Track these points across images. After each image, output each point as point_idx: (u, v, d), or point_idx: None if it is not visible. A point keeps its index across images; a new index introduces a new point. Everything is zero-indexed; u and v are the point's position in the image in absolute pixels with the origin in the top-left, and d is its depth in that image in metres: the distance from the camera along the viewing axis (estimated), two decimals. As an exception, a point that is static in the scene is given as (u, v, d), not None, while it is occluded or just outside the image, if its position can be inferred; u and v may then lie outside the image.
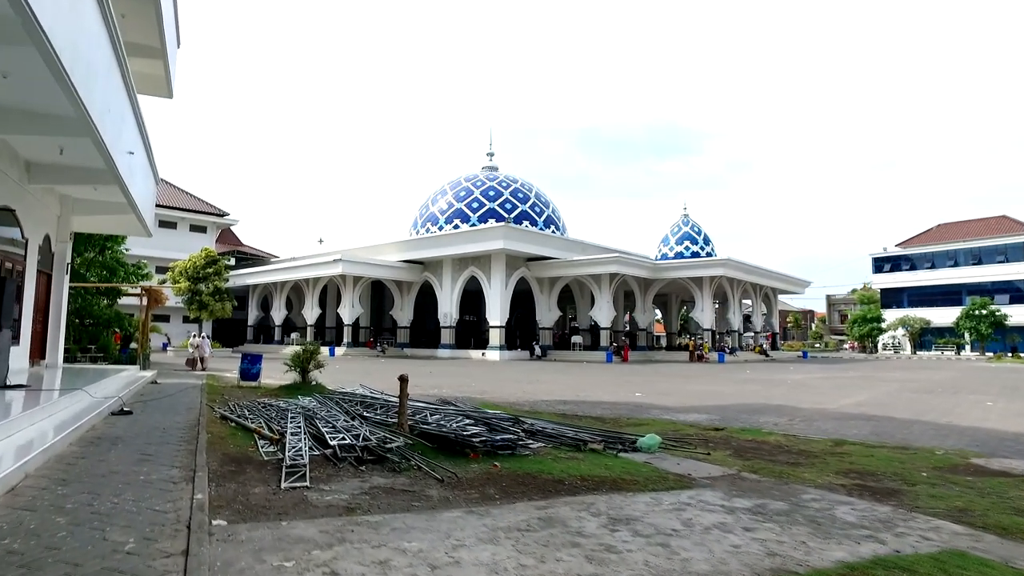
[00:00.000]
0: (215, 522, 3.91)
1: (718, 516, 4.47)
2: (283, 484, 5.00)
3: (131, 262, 23.01)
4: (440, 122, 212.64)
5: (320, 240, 52.90)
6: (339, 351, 39.67)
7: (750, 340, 51.39)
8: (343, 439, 6.32)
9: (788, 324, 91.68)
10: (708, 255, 45.65)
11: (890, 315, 63.32)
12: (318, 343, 22.61)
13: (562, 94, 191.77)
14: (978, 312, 51.85)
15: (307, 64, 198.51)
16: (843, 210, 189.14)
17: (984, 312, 51.54)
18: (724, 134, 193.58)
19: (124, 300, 22.98)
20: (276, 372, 14.82)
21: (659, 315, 56.68)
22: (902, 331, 61.54)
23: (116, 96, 8.44)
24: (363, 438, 6.39)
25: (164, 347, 38.12)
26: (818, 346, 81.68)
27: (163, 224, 43.58)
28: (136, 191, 11.23)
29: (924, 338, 61.03)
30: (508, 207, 44.92)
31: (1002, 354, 49.40)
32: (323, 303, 45.55)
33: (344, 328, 42.95)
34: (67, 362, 15.78)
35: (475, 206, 45.21)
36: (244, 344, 48.95)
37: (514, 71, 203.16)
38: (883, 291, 66.28)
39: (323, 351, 15.45)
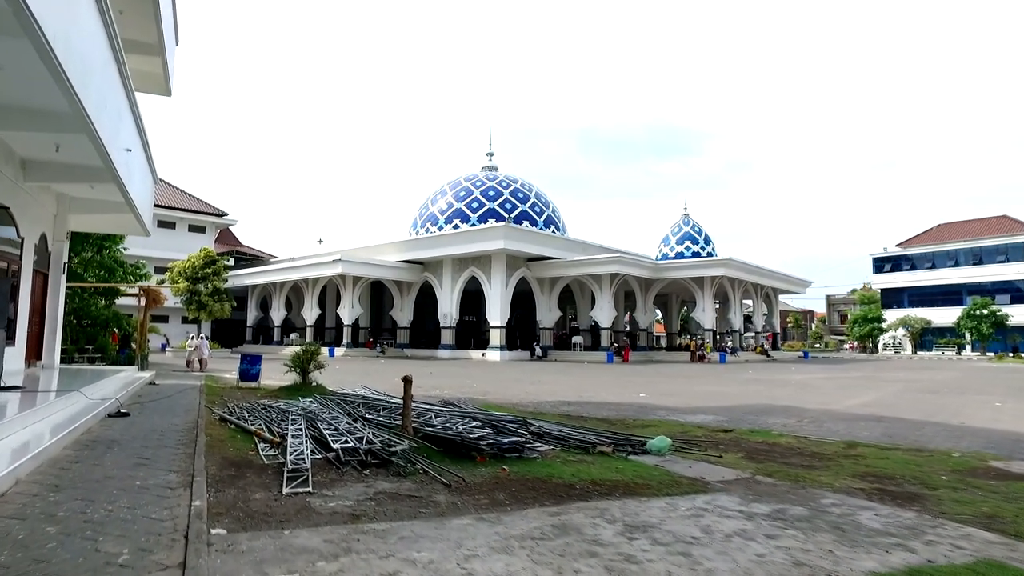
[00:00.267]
0: (214, 531, 3.73)
1: (737, 523, 4.30)
2: (285, 489, 4.82)
3: (130, 262, 22.80)
4: (440, 122, 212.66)
5: (320, 240, 52.59)
6: (338, 352, 39.47)
7: (751, 340, 51.24)
8: (346, 442, 6.14)
9: (788, 324, 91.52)
10: (709, 255, 45.49)
11: (891, 315, 63.22)
12: (318, 343, 22.40)
13: (562, 94, 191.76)
14: (979, 312, 51.77)
15: (307, 63, 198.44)
16: (843, 210, 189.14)
17: (985, 312, 51.46)
18: (724, 134, 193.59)
19: (122, 300, 22.79)
20: (276, 373, 14.64)
21: (659, 315, 56.51)
22: (903, 331, 61.42)
23: (113, 91, 8.26)
24: (367, 441, 6.22)
25: (163, 348, 37.93)
26: (818, 346, 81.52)
27: (162, 224, 43.39)
28: (134, 189, 11.05)
29: (925, 338, 60.93)
30: (508, 207, 44.74)
31: (1003, 354, 49.27)
32: (322, 303, 45.34)
33: (344, 328, 42.74)
34: (64, 363, 15.58)
35: (475, 206, 45.04)
36: (243, 345, 48.73)
37: (514, 71, 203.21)
38: (883, 291, 66.18)
39: (323, 352, 15.27)
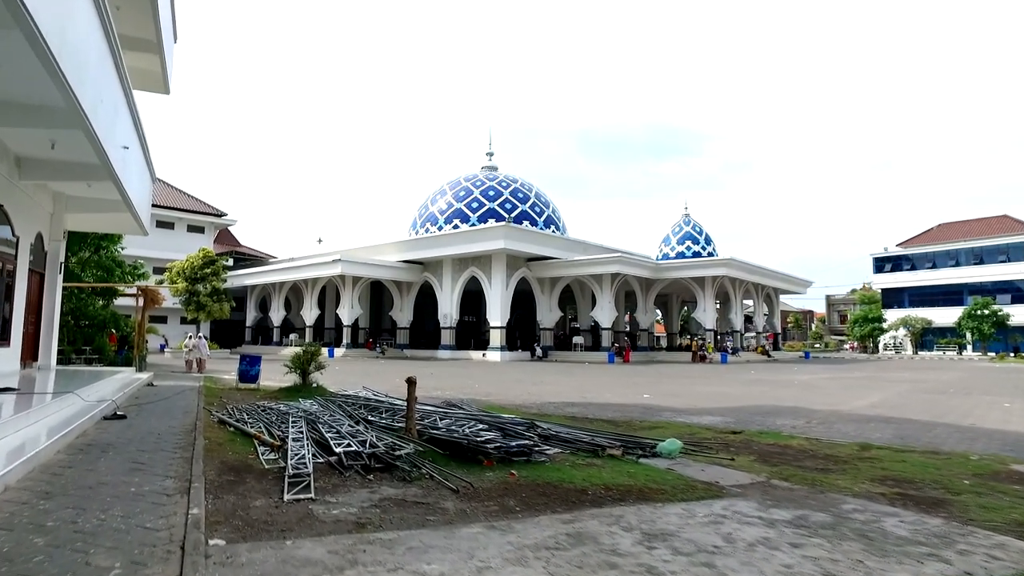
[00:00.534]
0: (212, 541, 3.55)
1: (759, 530, 4.12)
2: (286, 496, 4.63)
3: (128, 262, 22.59)
4: (440, 122, 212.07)
5: (319, 240, 52.15)
6: (338, 352, 39.26)
7: (752, 340, 51.10)
8: (349, 445, 5.95)
9: (788, 324, 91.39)
10: (709, 255, 45.33)
11: (891, 315, 63.05)
12: (317, 344, 22.21)
13: (561, 95, 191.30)
14: (980, 312, 51.66)
15: (306, 63, 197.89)
16: (843, 210, 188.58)
17: (986, 312, 51.36)
18: (722, 135, 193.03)
19: (120, 301, 22.60)
20: (275, 374, 14.45)
21: (660, 315, 56.34)
22: (904, 331, 61.28)
23: (109, 87, 8.08)
24: (370, 444, 6.03)
25: (161, 348, 37.74)
26: (818, 346, 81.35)
27: (160, 224, 43.20)
28: (131, 188, 10.87)
29: (925, 338, 60.77)
30: (508, 207, 44.56)
31: (1004, 354, 49.15)
32: (322, 304, 45.12)
33: (343, 329, 42.51)
34: (61, 364, 15.36)
35: (475, 206, 44.85)
36: (242, 345, 48.49)
37: (514, 72, 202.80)
38: (884, 291, 66.04)
39: (322, 352, 15.08)
